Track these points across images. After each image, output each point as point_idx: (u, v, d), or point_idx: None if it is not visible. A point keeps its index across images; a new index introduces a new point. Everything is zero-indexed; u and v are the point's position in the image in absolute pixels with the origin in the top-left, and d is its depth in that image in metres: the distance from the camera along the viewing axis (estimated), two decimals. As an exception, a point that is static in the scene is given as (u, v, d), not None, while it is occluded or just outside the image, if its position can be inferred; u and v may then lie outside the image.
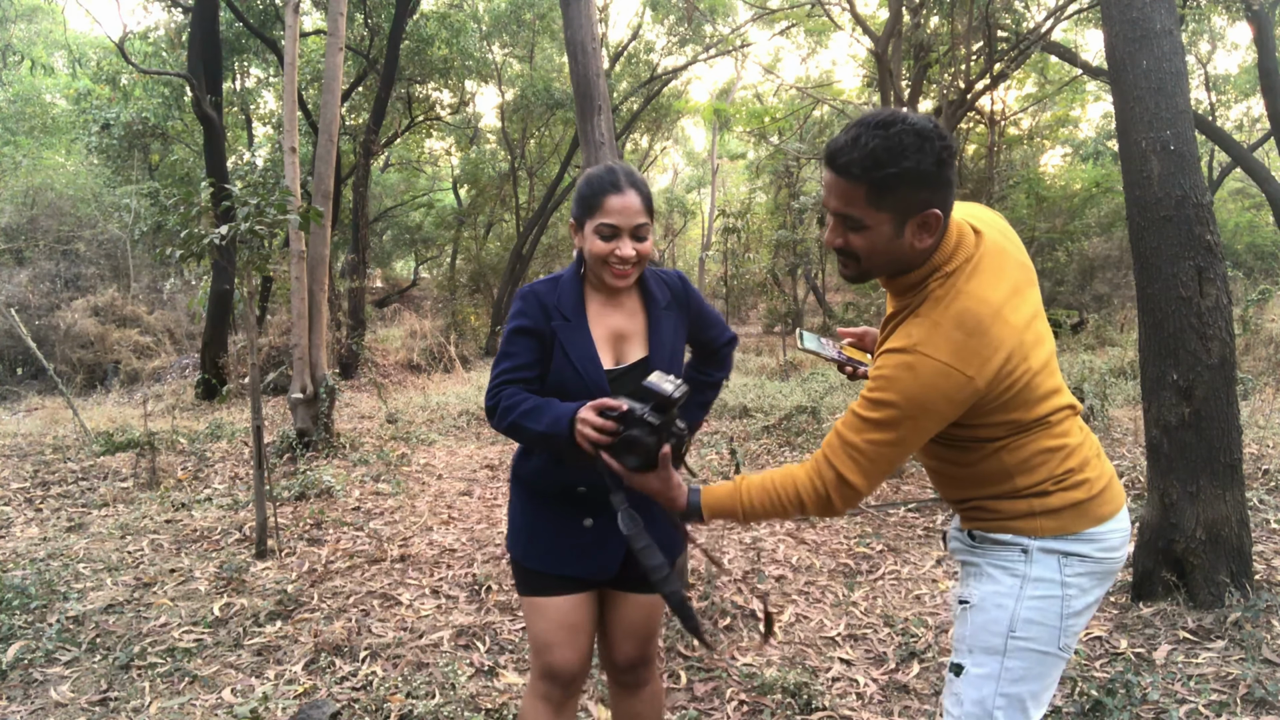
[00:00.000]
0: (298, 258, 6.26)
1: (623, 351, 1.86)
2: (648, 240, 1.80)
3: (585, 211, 1.79)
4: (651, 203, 1.82)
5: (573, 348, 1.78)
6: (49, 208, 14.00)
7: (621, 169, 1.80)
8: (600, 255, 1.76)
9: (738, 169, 27.26)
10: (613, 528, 1.74)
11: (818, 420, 7.12)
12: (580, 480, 1.82)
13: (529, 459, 1.90)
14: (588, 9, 3.74)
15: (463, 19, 14.82)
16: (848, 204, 1.42)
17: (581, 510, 1.85)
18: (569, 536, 1.85)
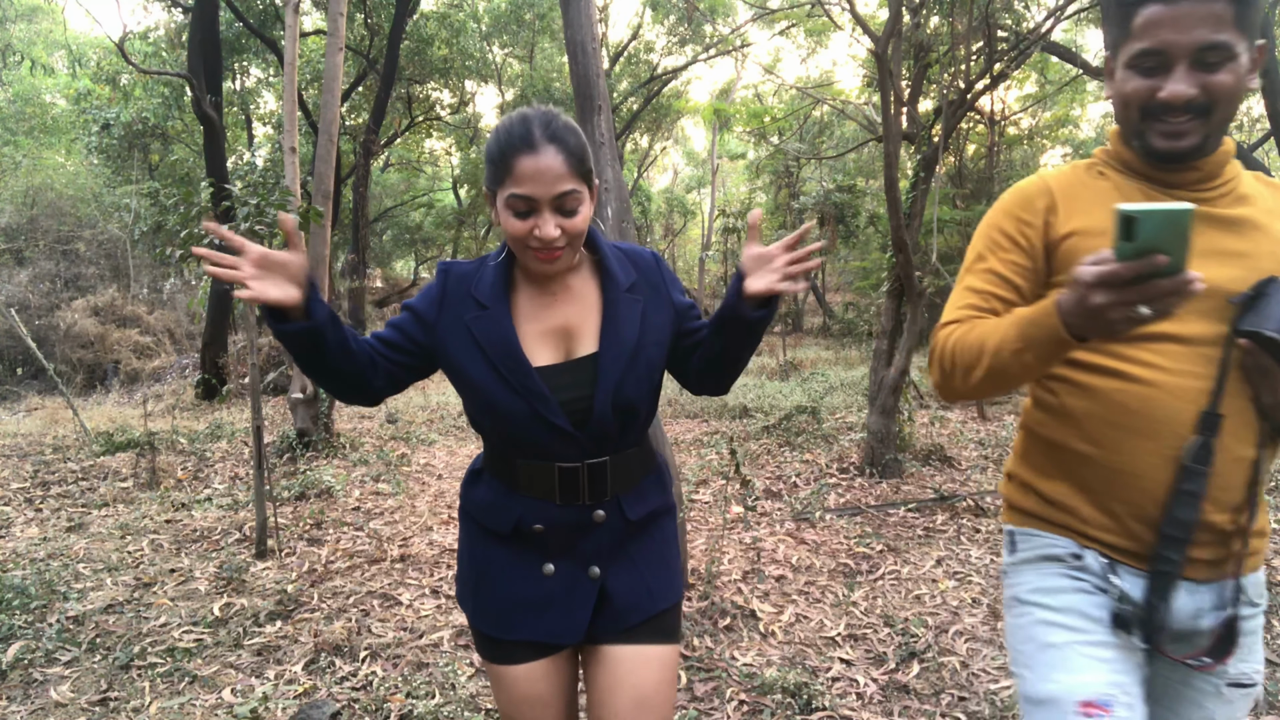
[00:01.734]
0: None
1: (571, 347, 1.43)
2: (580, 213, 1.34)
3: (494, 177, 1.35)
4: (585, 159, 1.35)
5: (488, 340, 1.38)
6: (49, 208, 14.00)
7: (538, 117, 1.32)
8: (517, 237, 1.33)
9: (738, 169, 27.27)
10: (579, 575, 1.44)
11: (818, 420, 7.12)
12: (535, 515, 1.43)
13: (476, 485, 1.51)
14: (588, 9, 3.73)
15: (463, 19, 14.83)
16: (1217, 28, 1.12)
17: (539, 553, 1.45)
18: (525, 587, 1.45)
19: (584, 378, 1.41)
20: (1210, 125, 1.17)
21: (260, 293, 1.21)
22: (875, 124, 11.23)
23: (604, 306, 1.44)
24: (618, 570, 1.47)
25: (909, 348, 5.59)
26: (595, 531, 1.45)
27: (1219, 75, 1.13)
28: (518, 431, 1.39)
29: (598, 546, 1.46)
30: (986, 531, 4.44)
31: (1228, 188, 1.24)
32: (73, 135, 17.37)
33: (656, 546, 1.54)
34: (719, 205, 21.00)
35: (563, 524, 1.43)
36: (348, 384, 1.39)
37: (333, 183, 7.02)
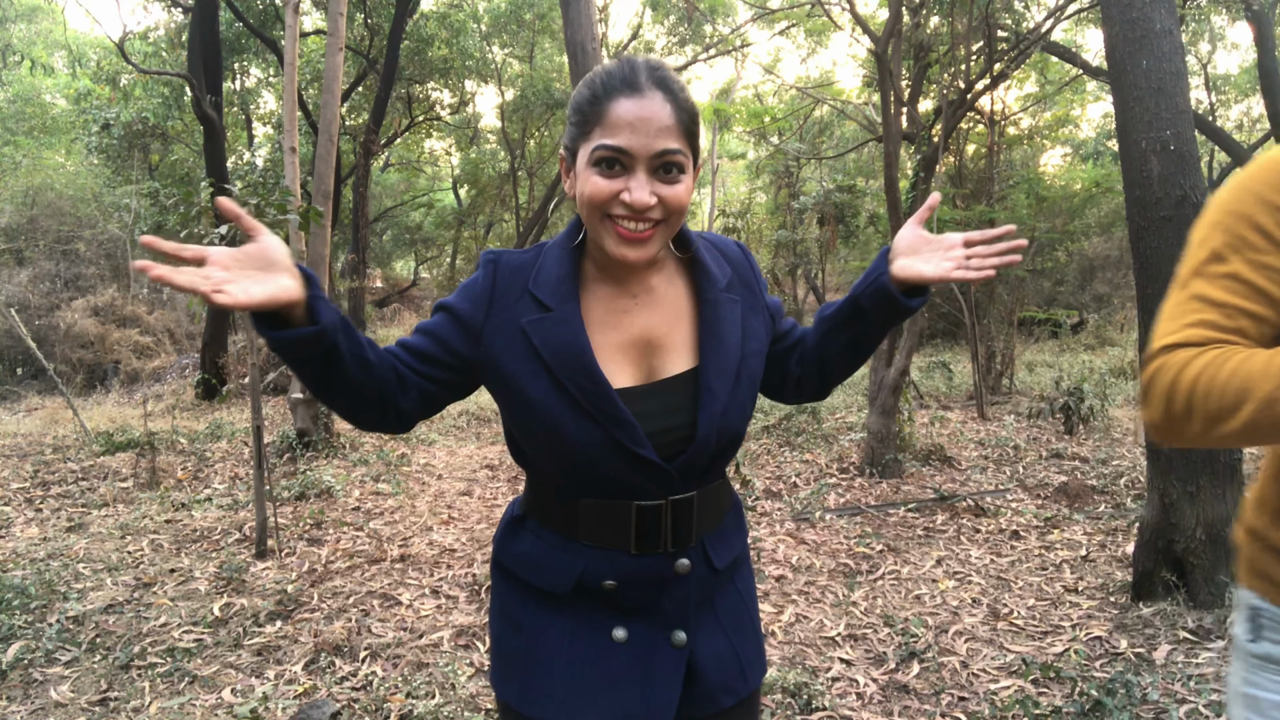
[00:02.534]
0: (297, 258, 6.26)
1: (656, 365, 1.16)
2: (683, 182, 1.09)
3: (580, 128, 1.10)
4: (697, 120, 1.12)
5: (554, 351, 1.10)
6: (49, 208, 14.00)
7: (644, 61, 1.10)
8: (598, 201, 1.07)
9: (738, 169, 27.25)
10: (660, 642, 1.16)
11: (818, 420, 7.12)
12: (603, 568, 1.14)
13: (518, 536, 1.22)
14: (588, 9, 3.74)
15: (463, 19, 14.83)
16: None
17: (610, 615, 1.16)
18: (592, 660, 1.15)
19: (677, 401, 1.14)
20: None
21: (242, 296, 0.91)
22: (875, 124, 11.24)
23: (701, 311, 1.18)
24: (706, 636, 1.21)
25: (909, 348, 5.59)
26: (677, 585, 1.17)
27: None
28: (588, 464, 1.11)
29: (681, 605, 1.18)
30: (986, 531, 4.44)
31: None
32: (73, 135, 17.37)
33: (743, 605, 1.30)
34: (719, 205, 20.99)
35: (639, 578, 1.15)
36: (368, 405, 1.10)
37: (333, 183, 7.02)
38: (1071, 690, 2.68)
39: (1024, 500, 4.98)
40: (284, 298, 0.94)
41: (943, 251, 1.18)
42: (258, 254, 0.95)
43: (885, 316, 1.18)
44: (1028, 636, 3.18)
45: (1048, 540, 4.24)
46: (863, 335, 1.23)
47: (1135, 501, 4.70)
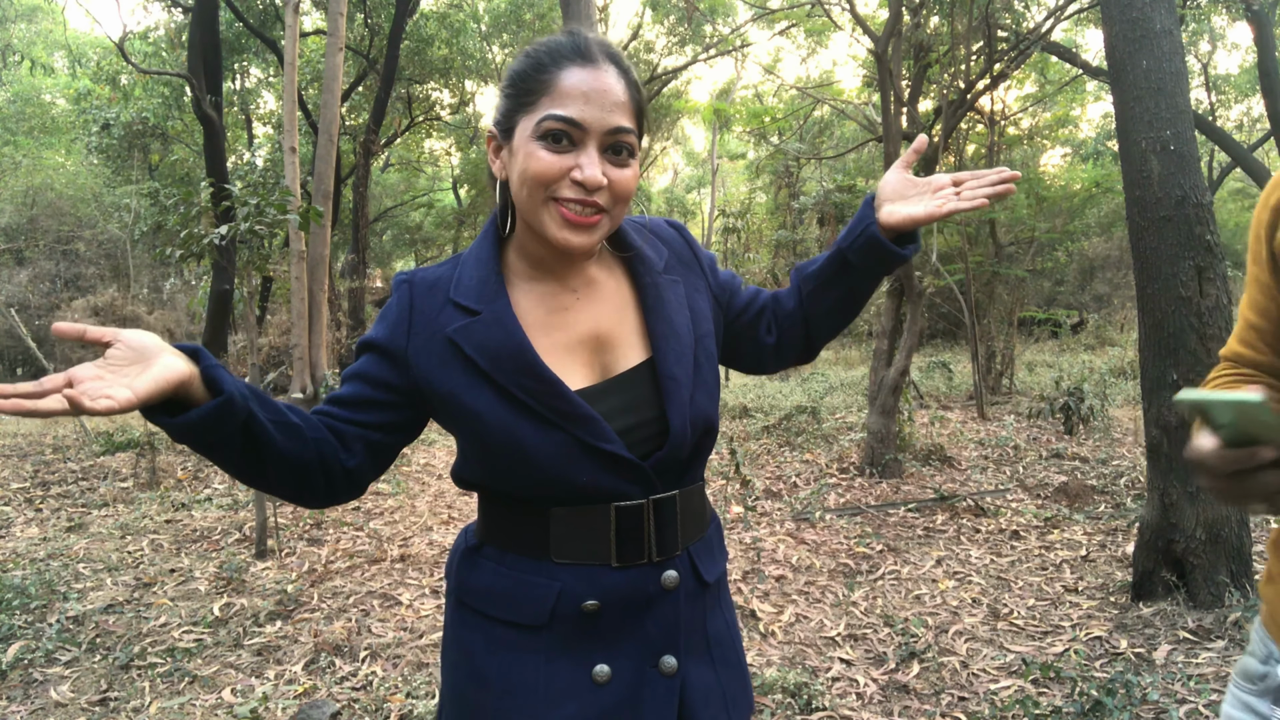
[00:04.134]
0: (298, 258, 6.26)
1: (609, 362, 1.06)
2: (632, 166, 1.01)
3: (519, 99, 0.99)
4: (644, 107, 1.04)
5: (487, 353, 0.99)
6: (49, 208, 14.00)
7: (593, 36, 1.01)
8: (545, 179, 0.96)
9: (738, 169, 27.25)
10: (646, 673, 1.02)
11: (818, 420, 7.12)
12: (587, 585, 1.01)
13: (478, 566, 1.07)
14: (588, 9, 3.74)
15: (463, 19, 14.83)
16: None
17: (590, 648, 1.02)
18: (570, 707, 1.00)
19: (639, 396, 1.04)
20: None
21: (125, 393, 0.78)
22: (875, 124, 11.23)
23: (644, 298, 1.09)
24: (695, 666, 1.06)
25: (909, 348, 5.59)
26: (666, 603, 1.03)
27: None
28: (559, 475, 0.99)
29: (670, 628, 1.04)
30: (986, 531, 4.44)
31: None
32: (73, 135, 17.38)
33: (731, 636, 1.14)
34: (719, 205, 21.00)
35: (623, 595, 1.01)
36: (309, 475, 0.98)
37: (333, 183, 7.02)
38: (1071, 690, 2.68)
39: (1024, 500, 4.98)
40: (172, 378, 0.82)
41: (931, 192, 1.10)
42: (127, 351, 0.83)
43: (875, 268, 1.11)
44: (1028, 636, 3.18)
45: (1048, 540, 4.25)
46: (852, 290, 1.15)
47: (1135, 501, 4.70)
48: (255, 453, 0.92)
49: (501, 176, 1.04)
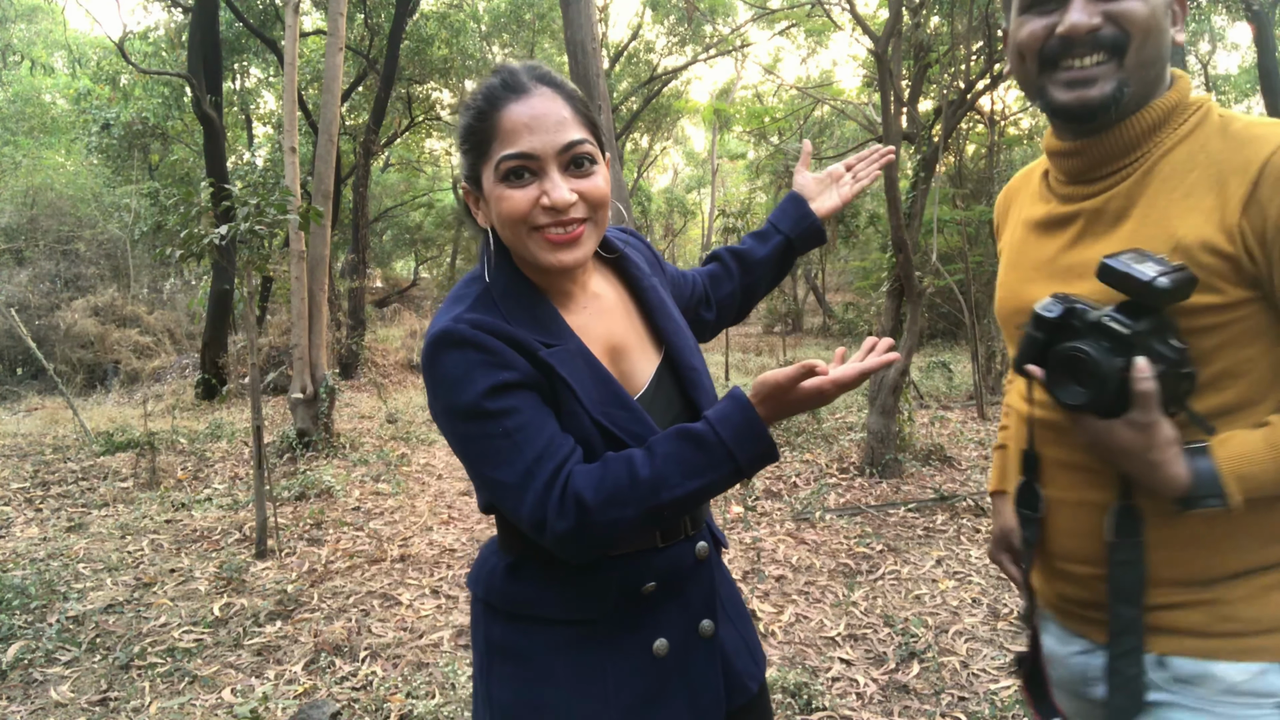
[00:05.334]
0: (298, 258, 6.26)
1: (627, 370, 1.12)
2: (597, 171, 1.05)
3: (475, 150, 1.06)
4: (589, 107, 1.08)
5: (583, 383, 1.04)
6: (49, 208, 14.00)
7: (524, 64, 1.07)
8: (519, 215, 1.01)
9: (738, 169, 27.25)
10: (691, 638, 1.11)
11: (818, 420, 7.12)
12: (642, 569, 1.08)
13: (521, 579, 1.11)
14: (588, 9, 3.74)
15: (463, 19, 14.84)
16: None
17: (644, 625, 1.09)
18: (637, 686, 1.07)
19: (670, 393, 1.13)
20: (1126, 69, 0.94)
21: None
22: (875, 124, 11.21)
23: (646, 300, 1.17)
24: (723, 625, 1.16)
25: (909, 347, 5.59)
26: (701, 572, 1.14)
27: (1127, 2, 0.92)
28: None
29: (706, 593, 1.14)
30: (986, 531, 4.44)
31: (1136, 164, 0.99)
32: (73, 135, 17.37)
33: (736, 592, 1.26)
34: (719, 205, 21.01)
35: (672, 571, 1.10)
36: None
37: (333, 183, 7.02)
38: (1071, 690, 2.68)
39: (1024, 500, 4.97)
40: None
41: (835, 183, 1.40)
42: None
43: (810, 249, 1.40)
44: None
45: (1048, 540, 4.24)
46: (789, 265, 1.41)
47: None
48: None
49: (485, 225, 1.09)
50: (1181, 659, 0.95)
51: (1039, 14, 0.97)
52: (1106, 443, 0.92)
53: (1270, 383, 0.95)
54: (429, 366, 1.01)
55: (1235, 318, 0.92)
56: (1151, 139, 0.98)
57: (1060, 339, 0.95)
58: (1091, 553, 1.00)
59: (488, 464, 0.99)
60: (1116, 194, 1.00)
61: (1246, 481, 0.89)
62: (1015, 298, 1.10)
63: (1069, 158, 1.04)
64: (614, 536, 0.98)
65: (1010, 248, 1.15)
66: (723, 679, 1.13)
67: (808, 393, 0.97)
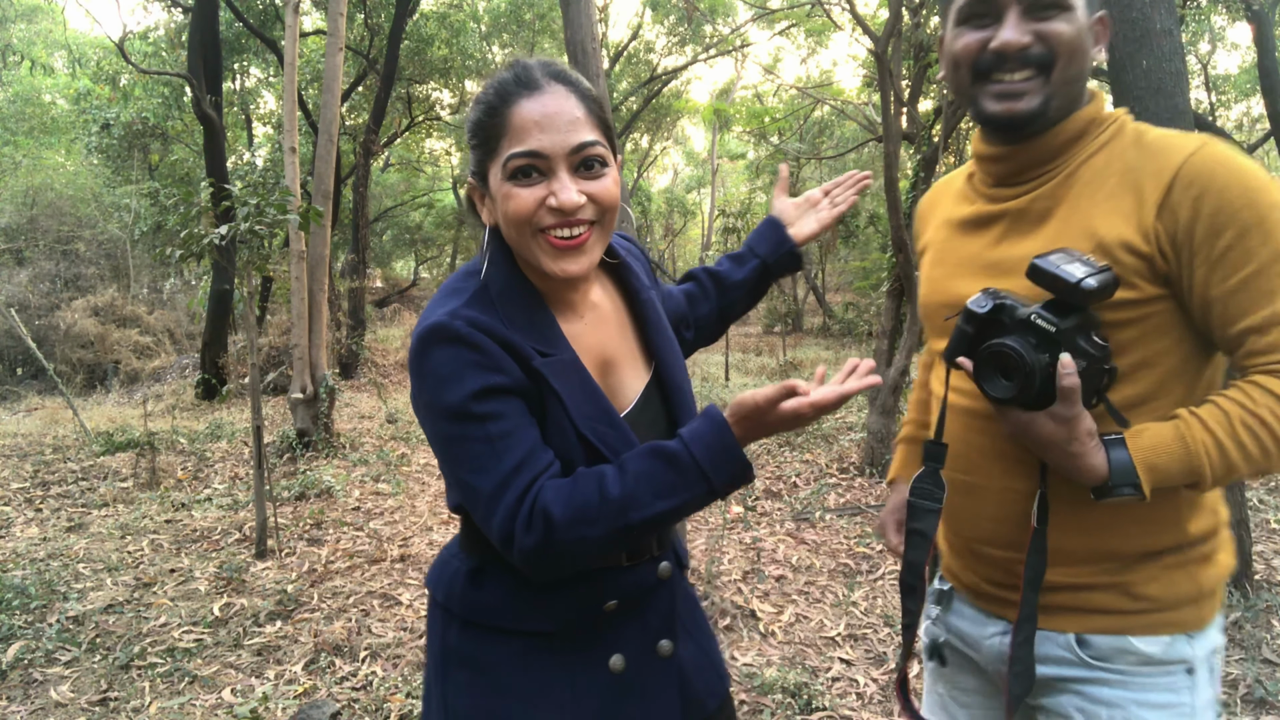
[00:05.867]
0: (298, 258, 6.26)
1: (615, 383, 1.10)
2: (608, 175, 1.02)
3: (484, 146, 1.02)
4: (604, 107, 1.05)
5: (573, 396, 1.02)
6: (49, 208, 14.00)
7: (538, 61, 1.03)
8: (523, 216, 0.98)
9: (738, 169, 27.25)
10: (648, 657, 1.10)
11: (817, 420, 7.13)
12: (605, 587, 1.08)
13: (485, 585, 1.09)
14: (588, 9, 3.73)
15: (463, 19, 14.83)
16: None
17: (602, 642, 1.09)
18: (594, 699, 1.07)
19: (655, 411, 1.12)
20: (1052, 85, 1.02)
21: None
22: (875, 124, 11.21)
23: (644, 313, 1.15)
24: (682, 643, 1.16)
25: (909, 348, 5.59)
26: (661, 592, 1.13)
27: (1056, 25, 1.00)
28: None
29: (665, 614, 1.13)
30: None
31: (1057, 170, 1.07)
32: (73, 135, 17.37)
33: (698, 607, 1.25)
34: (719, 205, 21.01)
35: (635, 590, 1.09)
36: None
37: (333, 183, 7.02)
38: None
39: (1024, 500, 4.98)
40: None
41: (813, 208, 1.39)
42: None
43: (787, 274, 1.40)
44: (1028, 636, 3.18)
45: (1048, 540, 4.24)
46: (764, 289, 1.39)
47: (1135, 501, 4.70)
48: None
49: (490, 223, 1.06)
50: (1100, 636, 1.02)
51: (975, 28, 1.04)
52: (1030, 434, 0.97)
53: (1177, 376, 1.02)
54: (418, 358, 0.99)
55: (1149, 312, 0.99)
56: (1073, 147, 1.06)
57: (989, 334, 0.99)
58: (1013, 537, 1.05)
59: (464, 467, 0.97)
60: (1040, 195, 1.07)
61: (1156, 472, 0.95)
62: (942, 292, 1.16)
63: (997, 162, 1.11)
64: (580, 555, 0.95)
65: (935, 246, 1.22)
66: (679, 699, 1.12)
67: (786, 414, 0.95)
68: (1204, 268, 0.96)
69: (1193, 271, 0.97)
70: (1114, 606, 1.03)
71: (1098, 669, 1.02)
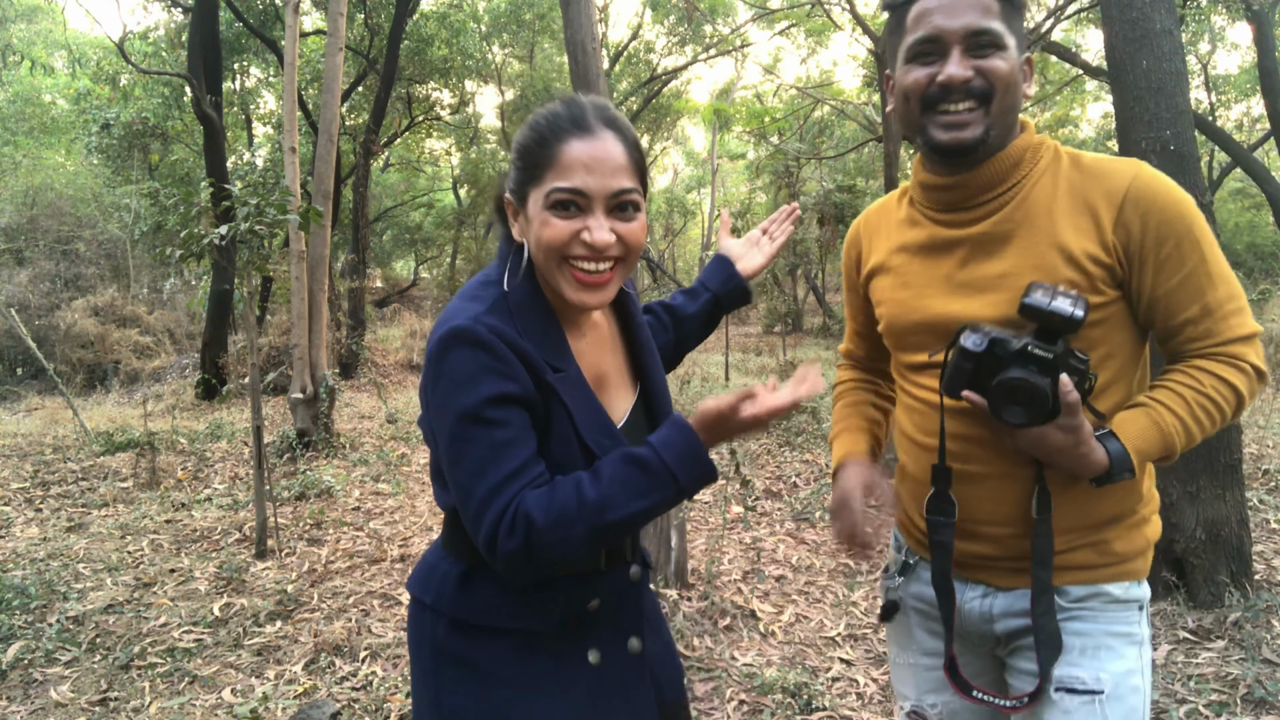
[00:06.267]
0: (298, 258, 6.26)
1: (607, 403, 1.18)
2: (638, 220, 1.10)
3: (529, 172, 1.09)
4: (644, 160, 1.14)
5: (580, 410, 1.09)
6: (49, 208, 14.00)
7: (590, 100, 1.10)
8: (556, 245, 1.06)
9: (738, 169, 27.26)
10: (621, 654, 1.20)
11: (817, 420, 7.12)
12: (586, 589, 1.16)
13: (473, 586, 1.14)
14: (588, 9, 3.74)
15: (463, 19, 14.83)
16: (985, 15, 1.14)
17: (580, 640, 1.17)
18: (577, 693, 1.15)
19: (639, 429, 1.21)
20: (991, 115, 1.16)
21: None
22: (875, 124, 11.23)
23: (637, 336, 1.25)
24: (649, 637, 1.26)
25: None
26: (631, 594, 1.23)
27: (994, 62, 1.15)
28: None
29: (634, 613, 1.23)
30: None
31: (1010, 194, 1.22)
32: (73, 135, 17.37)
33: (654, 600, 1.33)
34: (719, 205, 21.02)
35: (612, 592, 1.18)
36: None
37: (333, 183, 7.02)
38: (1071, 690, 2.68)
39: (1024, 500, 4.98)
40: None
41: (755, 245, 1.51)
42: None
43: (738, 306, 1.50)
44: (1028, 636, 3.18)
45: (1048, 540, 4.24)
46: (715, 322, 1.50)
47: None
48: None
49: (520, 239, 1.14)
50: (1077, 586, 1.22)
51: (922, 64, 1.18)
52: (1043, 446, 1.14)
53: (1130, 361, 1.23)
54: (438, 358, 1.04)
55: (1111, 313, 1.18)
56: (1016, 173, 1.21)
57: (989, 367, 1.13)
58: (1012, 516, 1.22)
59: (464, 469, 1.03)
60: (1000, 219, 1.22)
61: (1143, 455, 1.16)
62: (917, 311, 1.29)
63: (947, 190, 1.24)
64: (560, 556, 1.01)
65: (895, 270, 1.33)
66: (652, 689, 1.23)
67: (746, 420, 1.03)
68: (1152, 271, 1.16)
69: (1142, 275, 1.16)
70: (1090, 563, 1.22)
71: (1073, 610, 1.22)
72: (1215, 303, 1.16)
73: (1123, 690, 1.19)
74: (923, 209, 1.30)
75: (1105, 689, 1.18)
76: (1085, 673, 1.19)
